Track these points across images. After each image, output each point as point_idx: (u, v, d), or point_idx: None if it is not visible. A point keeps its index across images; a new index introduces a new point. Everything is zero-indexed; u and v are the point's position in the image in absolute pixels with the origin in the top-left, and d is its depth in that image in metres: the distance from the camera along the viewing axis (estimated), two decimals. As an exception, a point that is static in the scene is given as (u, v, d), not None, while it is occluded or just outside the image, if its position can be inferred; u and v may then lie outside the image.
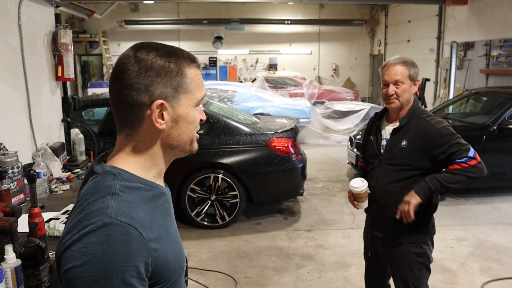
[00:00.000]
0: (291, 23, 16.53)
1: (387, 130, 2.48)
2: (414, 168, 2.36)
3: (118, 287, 0.85)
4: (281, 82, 13.43)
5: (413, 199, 2.29)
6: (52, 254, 1.87)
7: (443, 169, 2.32)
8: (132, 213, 0.92)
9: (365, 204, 2.49)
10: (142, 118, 1.01)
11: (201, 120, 1.09)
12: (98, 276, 0.84)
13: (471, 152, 2.26)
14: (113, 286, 0.85)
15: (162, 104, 1.00)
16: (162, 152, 1.06)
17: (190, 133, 1.08)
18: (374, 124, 2.58)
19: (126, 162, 1.03)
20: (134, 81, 0.98)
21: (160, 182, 1.09)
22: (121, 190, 0.95)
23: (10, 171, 2.61)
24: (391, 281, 2.67)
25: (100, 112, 6.18)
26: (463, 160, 2.24)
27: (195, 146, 1.11)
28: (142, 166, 1.04)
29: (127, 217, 0.90)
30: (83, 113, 6.14)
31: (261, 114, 8.59)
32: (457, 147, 2.26)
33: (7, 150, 2.86)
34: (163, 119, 1.01)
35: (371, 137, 2.57)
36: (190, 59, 1.05)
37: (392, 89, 2.36)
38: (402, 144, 2.36)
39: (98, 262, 0.85)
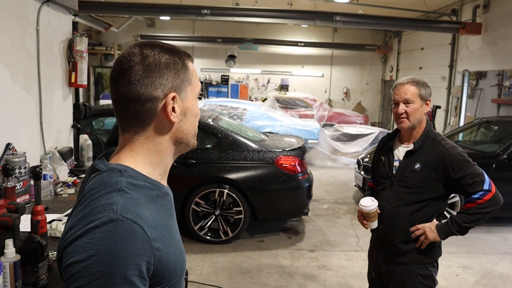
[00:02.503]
0: (304, 45, 16.65)
1: (400, 151, 2.45)
2: (425, 192, 2.33)
3: (119, 284, 0.84)
4: (291, 102, 13.47)
5: (432, 235, 2.30)
6: (52, 254, 1.86)
7: (461, 209, 2.33)
8: (137, 210, 0.91)
9: (375, 224, 2.43)
10: (154, 112, 1.01)
11: None
12: (100, 272, 0.83)
13: (486, 183, 2.23)
14: (115, 283, 0.84)
15: (175, 97, 1.02)
16: (170, 147, 1.07)
17: (196, 125, 1.11)
18: (386, 145, 2.55)
19: (133, 159, 1.02)
20: (145, 75, 0.99)
21: (164, 182, 1.09)
22: (127, 187, 0.94)
23: (17, 170, 2.63)
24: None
25: (111, 122, 6.24)
26: (478, 195, 2.22)
27: (196, 141, 1.13)
28: (150, 163, 1.04)
29: (133, 214, 0.89)
30: (93, 122, 6.20)
31: (270, 132, 8.60)
32: (472, 178, 2.22)
33: (16, 150, 2.90)
34: (175, 112, 1.03)
35: (382, 157, 2.53)
36: (187, 54, 1.08)
37: (402, 107, 2.34)
38: (416, 167, 2.33)
39: (101, 258, 0.84)
